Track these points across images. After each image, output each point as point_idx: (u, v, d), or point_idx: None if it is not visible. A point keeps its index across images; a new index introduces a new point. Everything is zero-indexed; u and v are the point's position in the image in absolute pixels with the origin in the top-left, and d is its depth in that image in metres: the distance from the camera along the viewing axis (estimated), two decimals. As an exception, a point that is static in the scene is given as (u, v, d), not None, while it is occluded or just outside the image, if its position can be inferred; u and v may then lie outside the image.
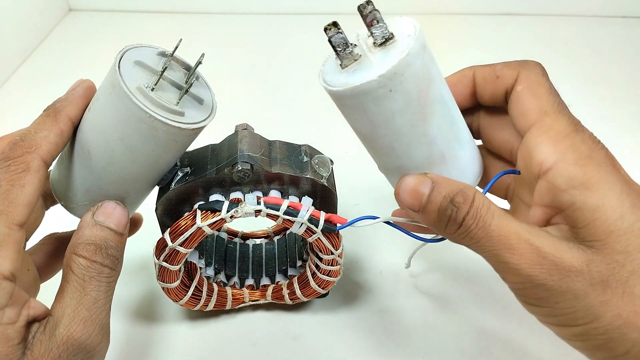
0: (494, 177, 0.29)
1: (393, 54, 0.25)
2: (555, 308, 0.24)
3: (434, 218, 0.27)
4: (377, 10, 0.26)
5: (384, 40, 0.25)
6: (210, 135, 0.33)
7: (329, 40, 0.26)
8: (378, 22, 0.26)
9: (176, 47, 0.28)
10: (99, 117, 0.27)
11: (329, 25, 0.26)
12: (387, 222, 0.31)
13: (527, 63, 0.29)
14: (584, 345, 0.25)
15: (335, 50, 0.26)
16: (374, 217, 0.31)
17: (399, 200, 0.29)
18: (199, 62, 0.28)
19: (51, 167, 0.30)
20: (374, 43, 0.26)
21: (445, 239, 0.29)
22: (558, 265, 0.24)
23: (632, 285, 0.23)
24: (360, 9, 0.26)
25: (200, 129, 0.28)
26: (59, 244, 0.34)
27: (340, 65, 0.26)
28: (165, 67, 0.27)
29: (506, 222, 0.25)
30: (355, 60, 0.26)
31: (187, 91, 0.27)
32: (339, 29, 0.26)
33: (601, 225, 0.23)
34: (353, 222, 0.31)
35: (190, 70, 0.29)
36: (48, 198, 0.33)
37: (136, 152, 0.27)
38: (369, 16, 0.26)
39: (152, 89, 0.26)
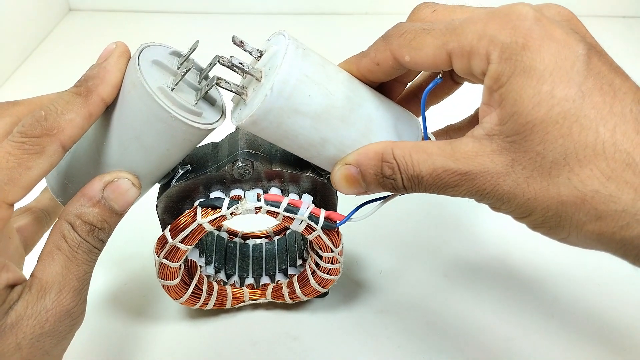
0: (424, 92, 0.28)
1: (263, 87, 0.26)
2: (501, 209, 0.25)
3: (384, 191, 0.28)
4: (247, 49, 0.28)
5: (260, 75, 0.27)
6: (211, 133, 0.33)
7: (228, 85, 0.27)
8: (242, 64, 0.27)
9: (193, 49, 0.28)
10: (113, 115, 0.27)
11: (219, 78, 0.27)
12: (383, 199, 0.31)
13: (390, 36, 0.28)
14: (539, 232, 0.26)
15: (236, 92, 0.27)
16: (371, 201, 0.31)
17: (345, 194, 0.29)
18: (214, 64, 0.28)
19: None
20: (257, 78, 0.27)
21: None
22: (487, 178, 0.24)
23: (555, 175, 0.23)
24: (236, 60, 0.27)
25: (213, 129, 0.28)
26: (40, 215, 0.34)
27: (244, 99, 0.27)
28: (188, 69, 0.27)
29: (432, 165, 0.25)
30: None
31: (206, 92, 0.27)
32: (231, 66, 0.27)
33: (518, 119, 0.23)
34: (351, 215, 0.32)
35: (202, 71, 0.29)
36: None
37: (149, 150, 0.27)
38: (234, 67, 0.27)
39: (172, 89, 0.26)
